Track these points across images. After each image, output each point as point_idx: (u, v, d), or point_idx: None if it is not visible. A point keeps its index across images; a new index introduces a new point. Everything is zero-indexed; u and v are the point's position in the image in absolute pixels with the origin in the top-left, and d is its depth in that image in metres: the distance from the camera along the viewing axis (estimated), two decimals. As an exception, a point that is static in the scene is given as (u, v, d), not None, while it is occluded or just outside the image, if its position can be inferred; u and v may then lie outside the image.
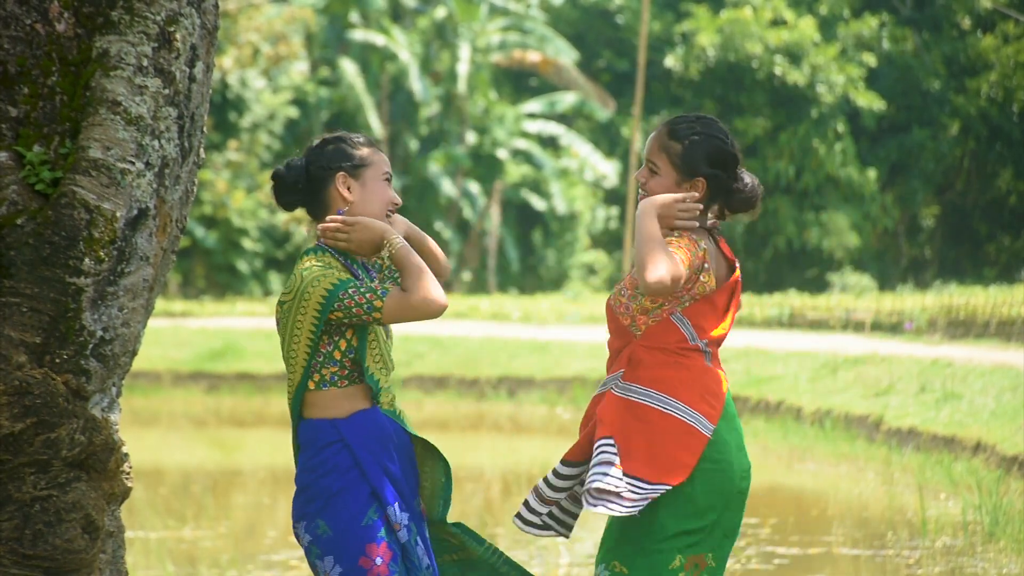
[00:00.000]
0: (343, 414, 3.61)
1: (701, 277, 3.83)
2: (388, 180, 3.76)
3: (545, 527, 3.98)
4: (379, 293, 3.58)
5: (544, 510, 3.97)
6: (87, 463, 3.66)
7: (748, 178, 3.97)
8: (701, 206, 3.88)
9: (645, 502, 3.75)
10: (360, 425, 3.61)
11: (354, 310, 3.55)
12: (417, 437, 3.74)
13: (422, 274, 3.59)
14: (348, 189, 3.69)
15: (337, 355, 3.61)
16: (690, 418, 3.80)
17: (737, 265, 3.97)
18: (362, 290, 3.57)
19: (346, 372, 3.63)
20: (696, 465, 3.79)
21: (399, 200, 3.77)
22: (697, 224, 3.88)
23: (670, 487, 3.76)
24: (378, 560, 3.55)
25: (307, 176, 3.71)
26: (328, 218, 3.66)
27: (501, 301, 28.66)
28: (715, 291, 3.88)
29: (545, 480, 3.95)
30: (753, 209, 3.99)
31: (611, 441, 3.81)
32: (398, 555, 3.59)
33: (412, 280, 3.59)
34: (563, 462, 3.93)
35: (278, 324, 3.65)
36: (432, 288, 3.58)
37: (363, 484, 3.59)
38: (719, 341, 3.92)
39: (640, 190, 3.93)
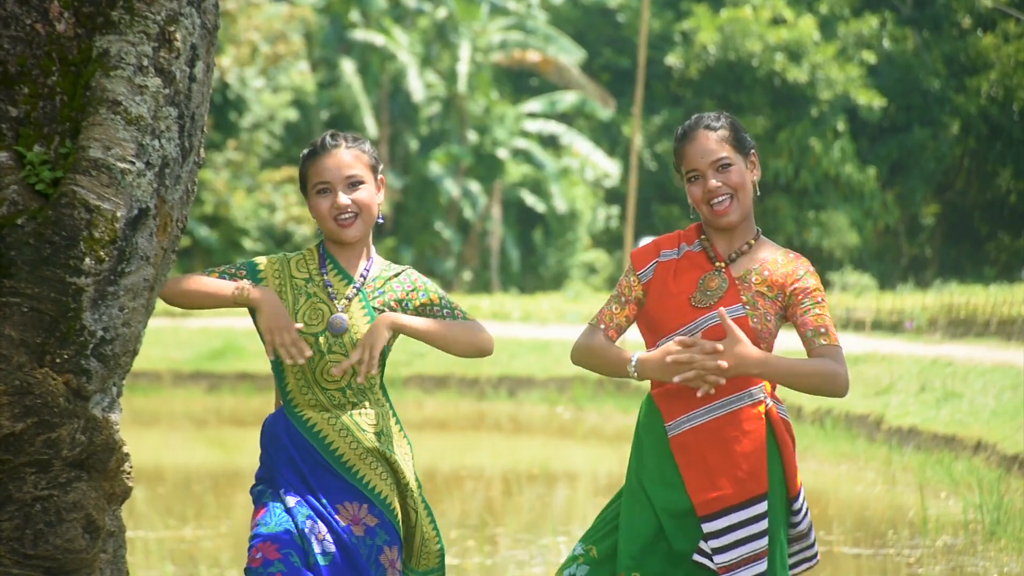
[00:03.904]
0: None
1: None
2: (323, 191, 3.84)
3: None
4: None
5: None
6: (88, 463, 3.66)
7: None
8: None
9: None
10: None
11: None
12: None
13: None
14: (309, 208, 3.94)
15: None
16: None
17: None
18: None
19: None
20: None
21: (343, 204, 3.82)
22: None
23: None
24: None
25: None
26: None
27: (502, 300, 28.66)
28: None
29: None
30: None
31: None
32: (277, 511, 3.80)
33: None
34: (701, 518, 3.72)
35: None
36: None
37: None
38: None
39: (719, 196, 3.69)
